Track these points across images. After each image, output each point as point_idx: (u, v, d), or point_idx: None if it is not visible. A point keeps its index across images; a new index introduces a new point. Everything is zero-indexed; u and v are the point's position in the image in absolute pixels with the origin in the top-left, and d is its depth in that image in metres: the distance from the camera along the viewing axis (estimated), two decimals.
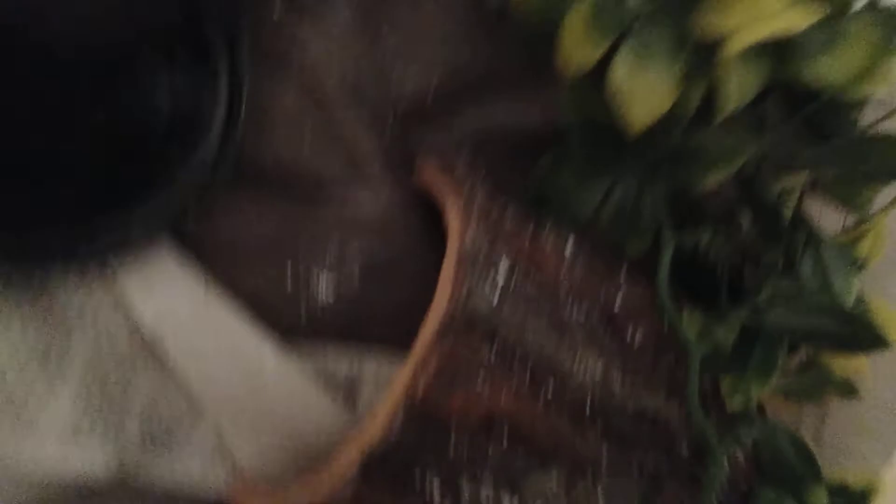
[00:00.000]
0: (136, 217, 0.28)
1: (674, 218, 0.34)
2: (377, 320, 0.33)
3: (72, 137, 0.29)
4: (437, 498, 0.26)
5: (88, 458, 0.27)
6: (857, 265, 0.35)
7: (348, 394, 0.33)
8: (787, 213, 0.36)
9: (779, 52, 0.29)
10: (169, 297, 0.28)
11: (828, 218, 0.36)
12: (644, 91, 0.29)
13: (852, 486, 0.36)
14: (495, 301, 0.26)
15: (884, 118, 0.33)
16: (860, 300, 0.35)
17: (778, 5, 0.28)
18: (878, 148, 0.32)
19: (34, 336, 0.28)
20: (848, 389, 0.38)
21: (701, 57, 0.29)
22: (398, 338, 0.34)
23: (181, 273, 0.29)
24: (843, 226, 0.37)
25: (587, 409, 0.29)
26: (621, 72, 0.28)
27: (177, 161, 0.29)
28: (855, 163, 0.33)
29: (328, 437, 0.32)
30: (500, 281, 0.27)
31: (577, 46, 0.30)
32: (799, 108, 0.33)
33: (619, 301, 0.32)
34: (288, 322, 0.32)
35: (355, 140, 0.32)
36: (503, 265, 0.27)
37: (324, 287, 0.32)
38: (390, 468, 0.25)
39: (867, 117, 0.34)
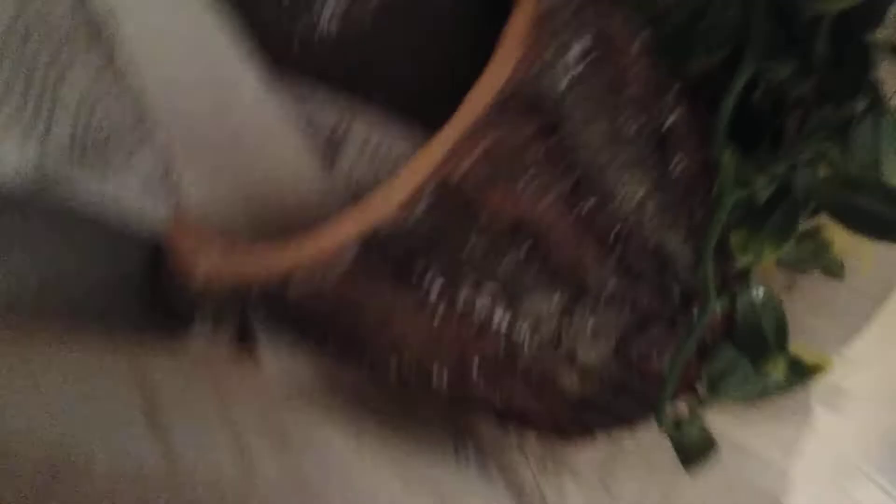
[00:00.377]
0: None
1: (758, 41, 0.28)
2: (383, 71, 0.27)
3: None
4: (432, 297, 0.22)
5: (2, 155, 0.21)
6: None
7: (328, 152, 0.28)
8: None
9: None
10: None
11: None
12: None
13: (803, 361, 0.36)
14: (563, 86, 0.20)
15: None
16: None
17: None
18: None
19: None
20: (836, 270, 0.36)
21: None
22: (404, 101, 0.28)
23: None
24: None
25: (612, 236, 0.25)
26: None
27: None
28: None
29: (297, 195, 0.27)
30: (574, 63, 0.21)
31: None
32: None
33: (670, 122, 0.27)
34: (276, 46, 0.25)
35: None
36: (581, 44, 0.21)
37: (329, 11, 0.25)
38: (395, 253, 0.21)
39: None
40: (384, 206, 0.20)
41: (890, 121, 0.31)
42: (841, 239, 0.36)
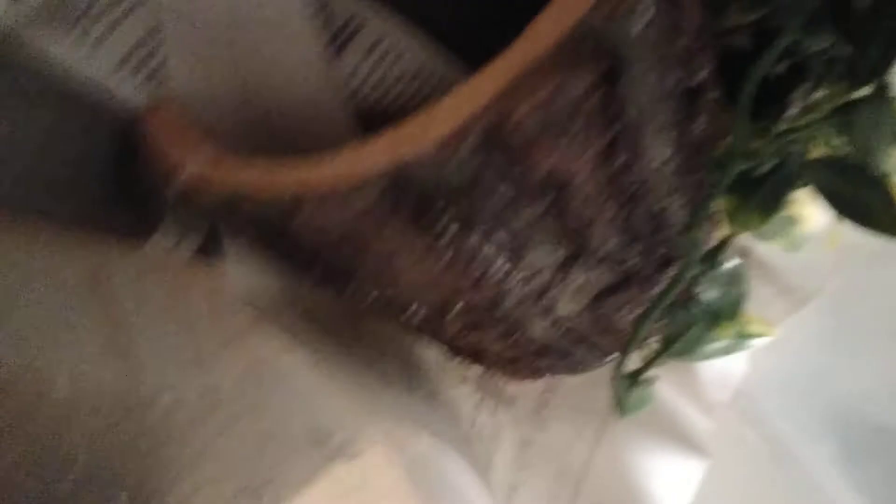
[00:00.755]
0: None
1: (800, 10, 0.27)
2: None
3: None
4: (443, 242, 0.20)
5: None
6: None
7: (334, 44, 0.24)
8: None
9: None
10: None
11: None
12: None
13: (749, 330, 0.37)
14: (637, 30, 0.18)
15: None
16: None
17: None
18: None
19: None
20: (797, 244, 0.37)
21: None
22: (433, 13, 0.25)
23: None
24: None
25: (629, 196, 0.24)
26: None
27: None
28: None
29: (296, 90, 0.24)
30: (650, 4, 0.19)
31: None
32: None
33: (700, 79, 0.25)
34: None
35: None
36: None
37: None
38: (420, 193, 0.19)
39: None
40: (420, 140, 0.18)
41: (892, 108, 0.31)
42: (808, 215, 0.37)
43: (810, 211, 0.37)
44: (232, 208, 0.20)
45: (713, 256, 0.31)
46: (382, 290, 0.24)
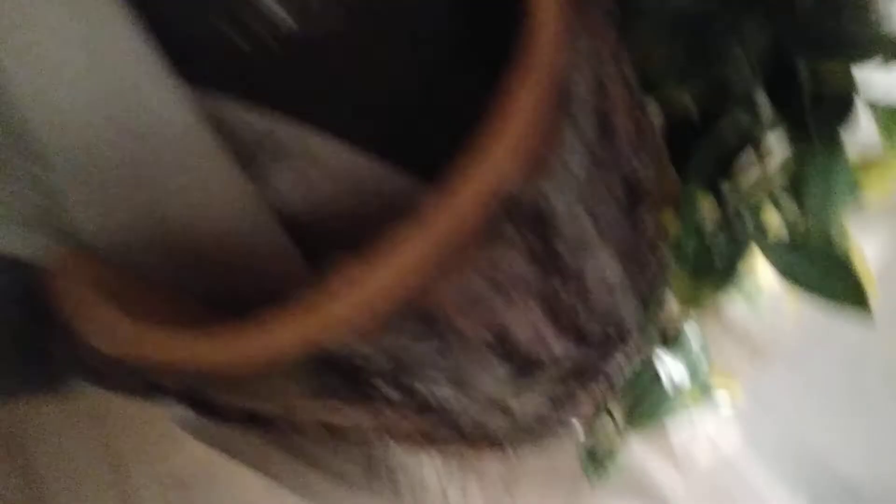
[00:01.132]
0: None
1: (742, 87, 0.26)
2: (334, 85, 0.22)
3: None
4: (382, 403, 0.19)
5: None
6: (855, 196, 0.31)
7: (249, 165, 0.23)
8: None
9: None
10: None
11: None
12: None
13: (712, 387, 0.36)
14: (570, 196, 0.17)
15: None
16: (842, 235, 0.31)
17: None
18: None
19: None
20: (759, 309, 0.36)
21: None
22: (351, 120, 0.23)
23: None
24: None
25: (573, 311, 0.23)
26: None
27: None
28: None
29: (214, 216, 0.22)
30: (579, 135, 0.17)
31: None
32: None
33: (639, 179, 0.24)
34: (205, 51, 0.19)
35: None
36: (591, 119, 0.18)
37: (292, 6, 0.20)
38: (344, 368, 0.17)
39: None
40: (335, 318, 0.16)
41: (844, 172, 0.30)
42: (770, 282, 0.36)
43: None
44: (144, 377, 0.19)
45: (669, 335, 0.31)
46: (331, 433, 0.23)
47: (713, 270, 0.30)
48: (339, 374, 0.18)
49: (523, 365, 0.23)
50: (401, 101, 0.23)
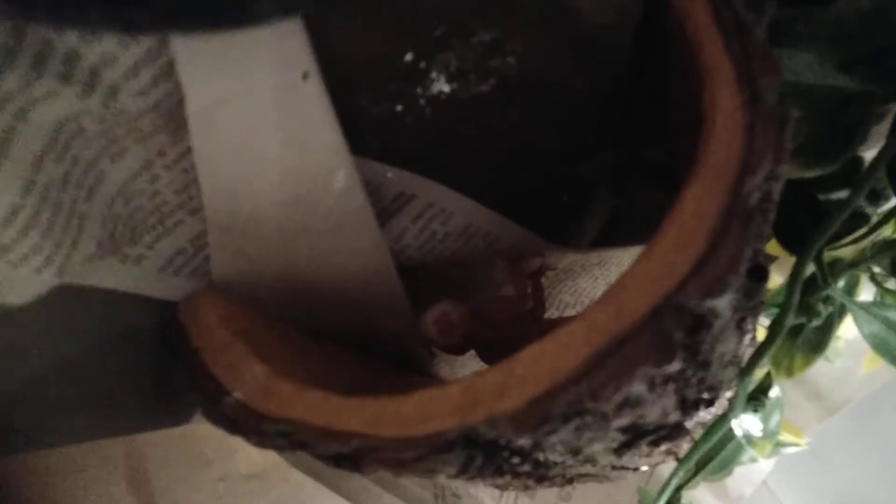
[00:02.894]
0: None
1: None
2: (465, 168, 0.22)
3: None
4: (522, 470, 0.20)
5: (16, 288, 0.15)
6: None
7: (388, 216, 0.23)
8: None
9: None
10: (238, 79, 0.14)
11: None
12: None
13: (782, 440, 0.37)
14: (728, 300, 0.17)
15: None
16: None
17: None
18: None
19: None
20: (832, 356, 0.36)
21: None
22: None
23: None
24: None
25: (694, 389, 0.23)
26: None
27: None
28: None
29: (349, 267, 0.22)
30: (754, 244, 0.17)
31: None
32: None
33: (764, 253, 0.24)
34: (361, 128, 0.19)
35: None
36: (763, 216, 0.18)
37: (432, 92, 0.20)
38: (489, 447, 0.18)
39: None
40: (496, 404, 0.17)
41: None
42: (844, 326, 0.36)
43: (846, 322, 0.36)
44: (281, 437, 0.19)
45: (756, 399, 0.31)
46: None
47: (808, 340, 0.30)
48: (484, 452, 0.18)
49: (636, 435, 0.23)
50: (532, 166, 0.23)
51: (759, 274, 0.23)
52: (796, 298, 0.26)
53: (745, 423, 0.32)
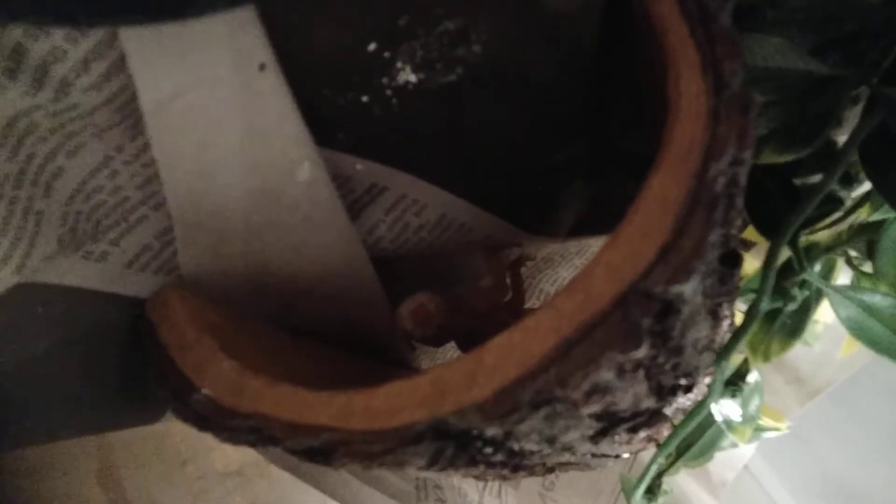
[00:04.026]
0: None
1: None
2: (438, 155, 0.22)
3: None
4: (495, 459, 0.20)
5: None
6: None
7: (360, 208, 0.23)
8: None
9: None
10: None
11: None
12: None
13: (763, 425, 0.37)
14: (711, 265, 0.17)
15: None
16: None
17: None
18: None
19: None
20: (811, 339, 0.37)
21: None
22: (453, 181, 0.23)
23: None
24: None
25: (668, 375, 0.23)
26: None
27: None
28: None
29: (322, 260, 0.22)
30: (719, 230, 0.17)
31: None
32: None
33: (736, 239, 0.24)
34: (324, 119, 0.19)
35: None
36: (727, 202, 0.18)
37: (399, 81, 0.19)
38: (458, 440, 0.18)
39: None
40: (463, 394, 0.17)
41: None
42: (823, 311, 0.36)
43: (824, 306, 0.36)
44: (251, 432, 0.19)
45: (734, 384, 0.31)
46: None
47: (785, 324, 0.30)
48: (455, 443, 0.18)
49: (611, 423, 0.23)
50: (504, 156, 0.23)
51: (732, 260, 0.23)
52: (771, 283, 0.26)
53: (725, 409, 0.33)
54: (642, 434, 0.31)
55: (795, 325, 0.30)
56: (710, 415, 0.34)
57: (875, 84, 0.23)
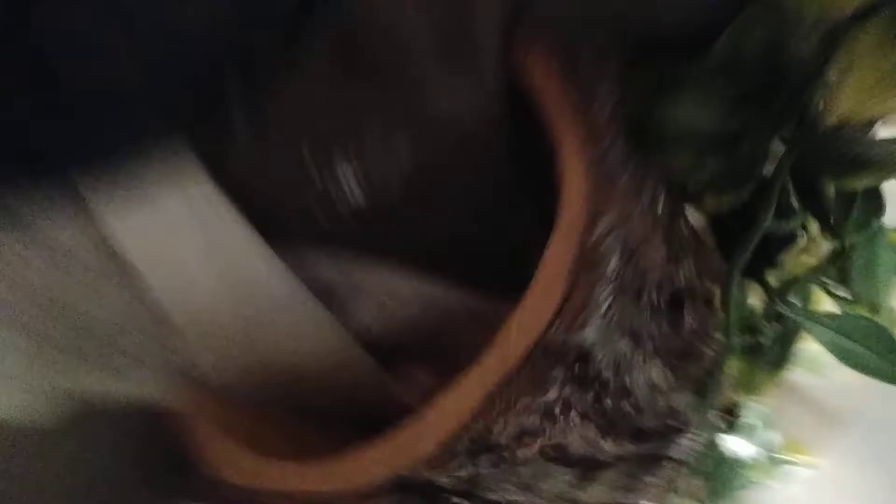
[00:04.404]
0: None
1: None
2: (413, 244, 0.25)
3: None
4: None
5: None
6: None
7: (335, 306, 0.26)
8: None
9: None
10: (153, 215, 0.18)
11: None
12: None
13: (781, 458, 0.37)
14: (595, 332, 0.20)
15: None
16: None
17: None
18: None
19: None
20: (817, 369, 0.37)
21: None
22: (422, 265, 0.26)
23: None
24: None
25: (626, 417, 0.25)
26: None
27: None
28: None
29: (312, 356, 0.26)
30: (610, 283, 0.20)
31: None
32: None
33: (683, 281, 0.26)
34: (292, 222, 0.23)
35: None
36: (615, 258, 0.20)
37: (354, 182, 0.23)
38: (424, 492, 0.20)
39: None
40: (412, 453, 0.19)
41: (886, 254, 0.31)
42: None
43: None
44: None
45: (729, 417, 0.32)
46: None
47: (764, 356, 0.31)
48: (421, 495, 0.20)
49: (586, 468, 0.25)
50: (462, 238, 0.26)
51: (676, 303, 0.26)
52: (733, 319, 0.28)
53: (733, 446, 0.33)
54: (649, 479, 0.32)
55: (779, 357, 0.31)
56: (725, 458, 0.35)
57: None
